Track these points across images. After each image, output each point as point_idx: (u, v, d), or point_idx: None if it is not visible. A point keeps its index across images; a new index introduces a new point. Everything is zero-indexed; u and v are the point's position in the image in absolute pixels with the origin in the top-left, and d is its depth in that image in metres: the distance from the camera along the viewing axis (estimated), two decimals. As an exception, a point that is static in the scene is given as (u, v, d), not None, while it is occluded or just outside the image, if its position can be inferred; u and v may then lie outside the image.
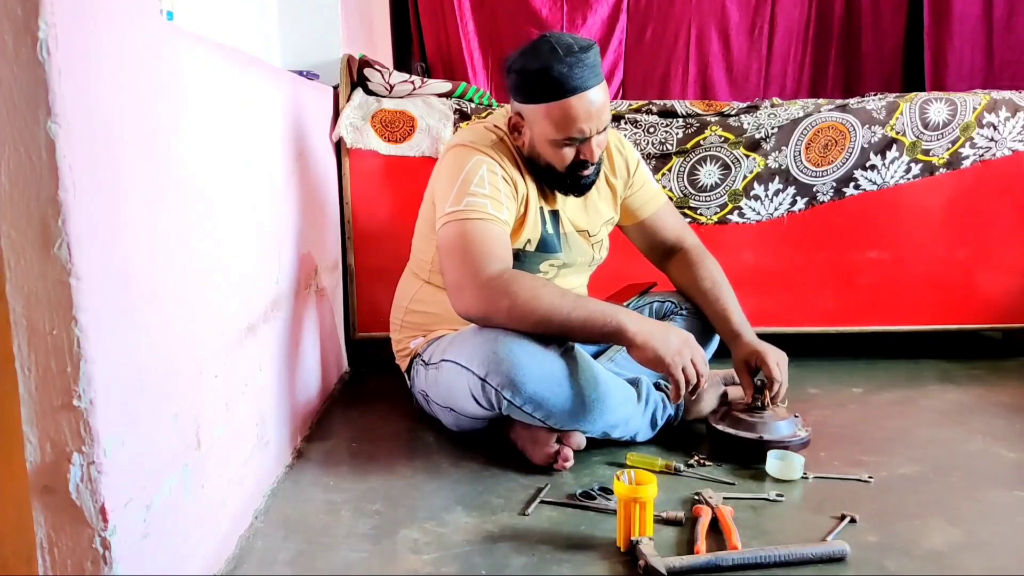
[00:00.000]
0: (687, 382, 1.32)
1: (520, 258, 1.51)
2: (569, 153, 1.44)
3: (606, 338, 1.34)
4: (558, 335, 1.35)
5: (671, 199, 2.04)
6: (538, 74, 1.38)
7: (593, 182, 1.52)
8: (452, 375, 1.42)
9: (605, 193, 1.66)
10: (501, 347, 1.32)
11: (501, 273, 1.35)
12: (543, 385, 1.32)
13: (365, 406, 1.80)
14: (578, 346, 1.41)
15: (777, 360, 1.48)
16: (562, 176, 1.48)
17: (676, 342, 1.32)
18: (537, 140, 1.45)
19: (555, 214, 1.57)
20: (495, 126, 1.54)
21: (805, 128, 2.02)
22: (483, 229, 1.38)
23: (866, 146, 2.02)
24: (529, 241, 1.52)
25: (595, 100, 1.40)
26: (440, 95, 2.04)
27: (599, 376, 1.40)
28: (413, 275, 1.67)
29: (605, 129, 1.45)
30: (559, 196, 1.57)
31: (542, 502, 1.29)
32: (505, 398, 1.33)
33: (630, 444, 1.51)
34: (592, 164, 1.47)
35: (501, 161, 1.46)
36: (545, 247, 1.54)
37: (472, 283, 1.34)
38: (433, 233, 1.51)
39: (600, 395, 1.38)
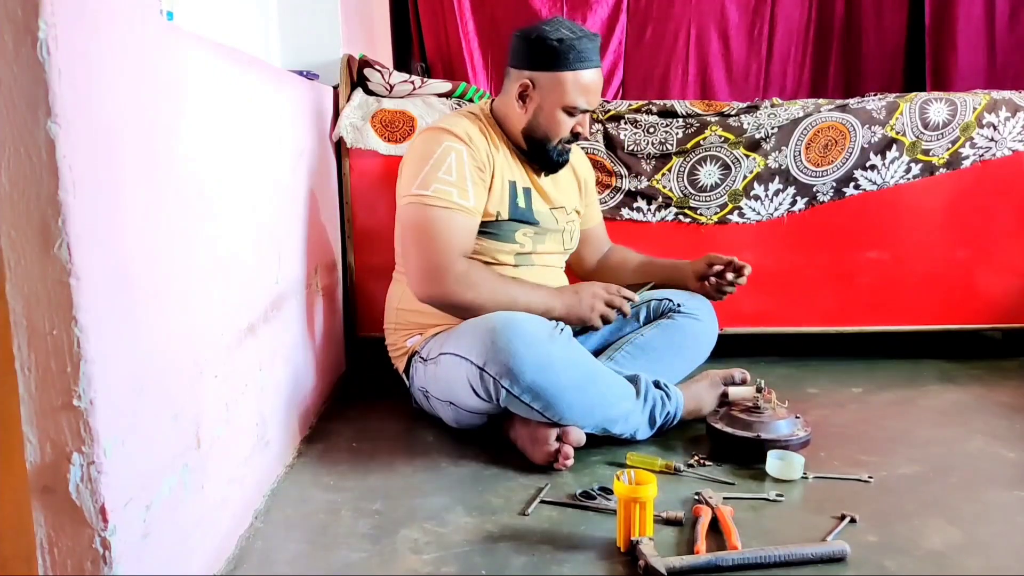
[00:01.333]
0: (609, 320, 1.54)
1: (495, 227, 1.58)
2: (569, 124, 1.57)
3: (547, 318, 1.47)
4: None
5: (671, 199, 2.06)
6: (565, 43, 1.51)
7: (567, 161, 1.65)
8: (451, 367, 1.43)
9: (572, 183, 1.76)
10: (499, 337, 1.33)
11: (461, 264, 1.45)
12: (541, 374, 1.33)
13: (365, 406, 1.80)
14: (576, 340, 1.42)
15: None
16: (552, 149, 1.59)
17: (586, 301, 1.52)
18: (545, 107, 1.55)
19: (528, 191, 1.63)
20: (469, 112, 1.62)
21: (805, 128, 2.02)
22: (447, 218, 1.46)
23: (866, 146, 2.02)
24: (499, 212, 1.57)
25: (601, 80, 1.58)
26: (440, 95, 2.04)
27: (597, 368, 1.41)
28: (400, 275, 1.69)
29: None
30: (534, 176, 1.65)
31: (542, 502, 1.29)
32: (503, 387, 1.34)
33: (630, 443, 1.51)
34: (582, 138, 1.62)
35: (471, 142, 1.53)
36: (518, 217, 1.60)
37: (434, 272, 1.45)
38: None
39: (598, 387, 1.40)
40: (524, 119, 1.58)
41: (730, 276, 1.70)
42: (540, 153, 1.60)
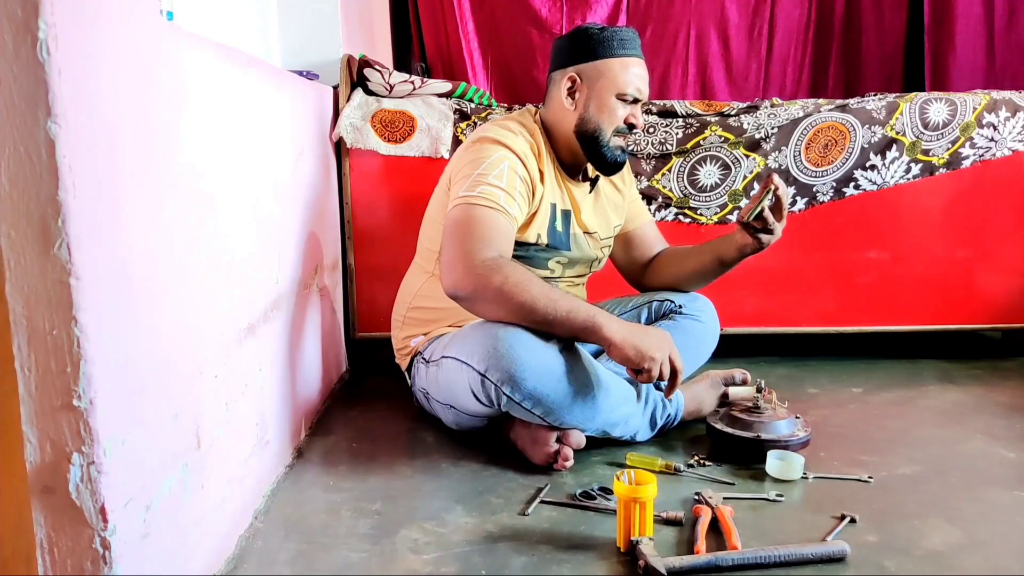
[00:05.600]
0: (660, 376, 1.34)
1: (529, 254, 1.54)
2: (621, 112, 1.54)
3: (585, 333, 1.34)
4: (539, 324, 1.34)
5: (671, 199, 2.06)
6: (607, 31, 1.53)
7: (623, 162, 1.60)
8: (452, 372, 1.42)
9: (615, 199, 1.72)
10: (501, 343, 1.32)
11: (496, 257, 1.37)
12: (542, 381, 1.33)
13: (365, 406, 1.80)
14: (578, 344, 1.41)
15: None
16: (606, 145, 1.54)
17: (657, 339, 1.34)
18: (595, 96, 1.53)
19: (567, 214, 1.59)
20: (520, 123, 1.58)
21: (805, 128, 2.02)
22: (490, 216, 1.41)
23: (866, 146, 2.02)
24: (540, 235, 1.54)
25: (646, 71, 1.56)
26: (440, 95, 2.04)
27: (599, 374, 1.41)
28: (419, 269, 1.67)
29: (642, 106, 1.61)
30: (577, 196, 1.61)
31: (542, 502, 1.29)
32: (505, 394, 1.33)
33: (630, 444, 1.51)
34: (636, 131, 1.58)
35: (525, 159, 1.50)
36: (555, 244, 1.57)
37: (465, 261, 1.36)
38: (444, 217, 1.52)
39: (599, 392, 1.39)
40: (575, 116, 1.55)
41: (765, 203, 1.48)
42: (595, 152, 1.55)
